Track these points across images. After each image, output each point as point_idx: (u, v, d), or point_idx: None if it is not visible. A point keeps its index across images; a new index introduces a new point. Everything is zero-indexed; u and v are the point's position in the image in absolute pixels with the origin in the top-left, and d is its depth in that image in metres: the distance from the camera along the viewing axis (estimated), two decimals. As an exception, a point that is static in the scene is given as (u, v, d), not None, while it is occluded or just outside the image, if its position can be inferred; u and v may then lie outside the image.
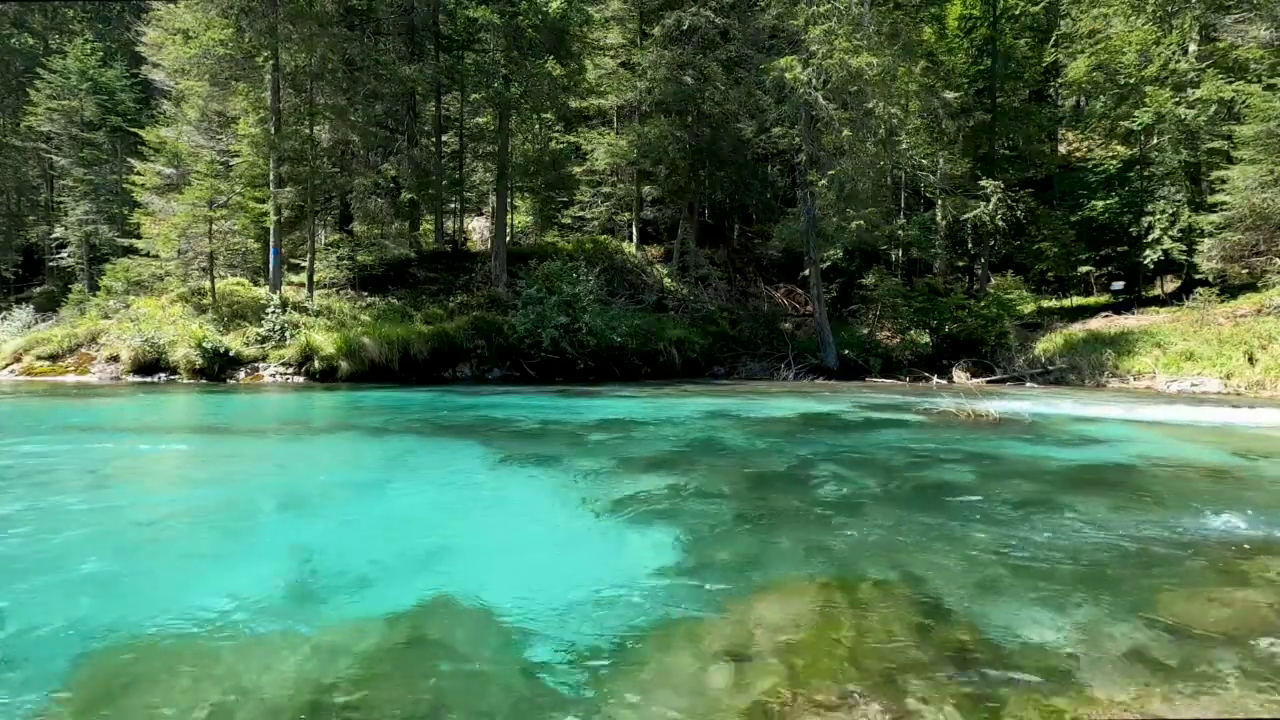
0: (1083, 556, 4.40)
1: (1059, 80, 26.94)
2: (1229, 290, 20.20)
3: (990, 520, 5.25)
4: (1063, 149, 30.23)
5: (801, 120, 21.28)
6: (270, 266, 19.82)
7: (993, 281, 25.58)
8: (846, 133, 20.23)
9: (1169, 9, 22.02)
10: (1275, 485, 6.69)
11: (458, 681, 2.98)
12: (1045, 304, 25.44)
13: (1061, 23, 25.73)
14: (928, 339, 22.23)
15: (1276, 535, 4.86)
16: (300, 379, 17.04)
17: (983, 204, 22.32)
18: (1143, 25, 22.08)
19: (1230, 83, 19.95)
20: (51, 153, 28.82)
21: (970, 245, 24.37)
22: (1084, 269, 24.36)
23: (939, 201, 25.68)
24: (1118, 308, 22.83)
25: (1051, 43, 25.66)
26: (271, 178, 19.55)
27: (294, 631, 3.44)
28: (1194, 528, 5.00)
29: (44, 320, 23.92)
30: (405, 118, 24.39)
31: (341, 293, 20.87)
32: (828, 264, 23.71)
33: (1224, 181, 19.10)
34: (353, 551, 4.67)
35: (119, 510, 5.78)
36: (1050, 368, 19.51)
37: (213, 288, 19.45)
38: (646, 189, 26.22)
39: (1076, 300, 25.32)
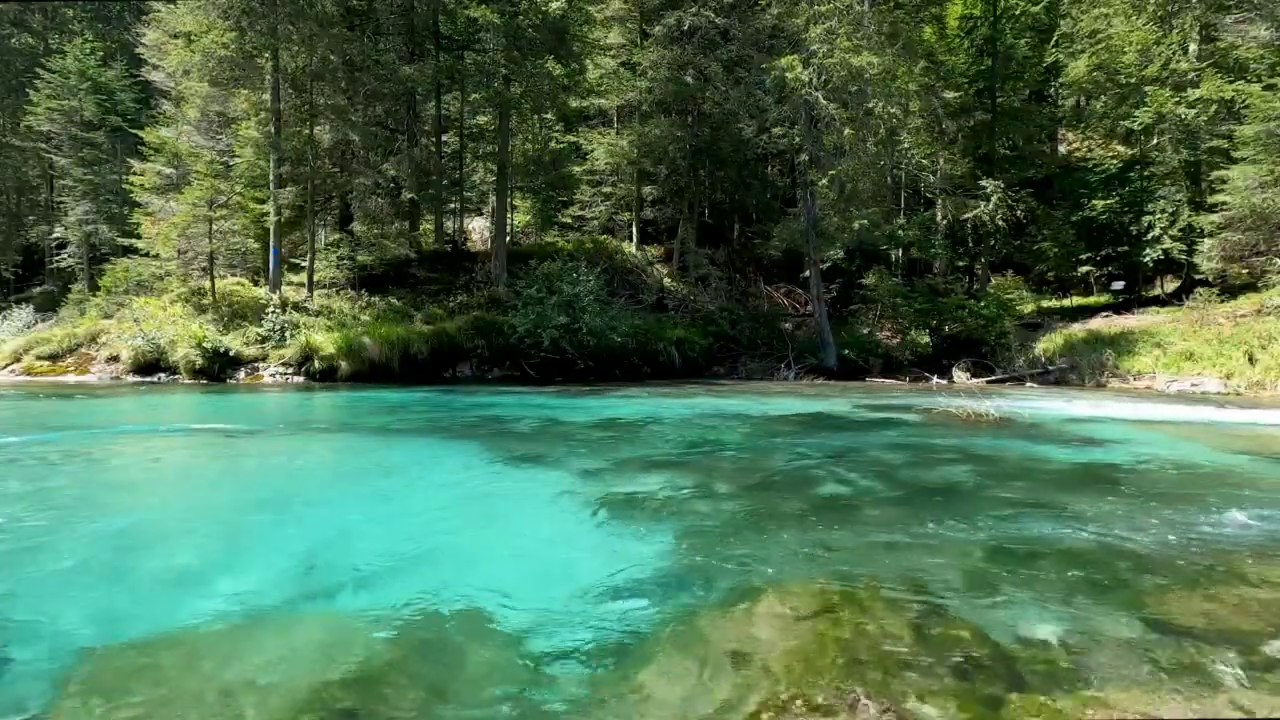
0: (1082, 556, 4.40)
1: (1059, 80, 26.89)
2: (1229, 290, 20.18)
3: (990, 520, 5.25)
4: (1063, 149, 30.19)
5: (802, 120, 21.27)
6: (270, 266, 19.82)
7: (993, 281, 25.56)
8: (847, 132, 20.22)
9: (1169, 9, 22.00)
10: (1275, 485, 6.69)
11: (458, 680, 2.98)
12: (1045, 304, 25.42)
13: (1062, 23, 25.68)
14: (928, 339, 22.21)
15: (1276, 535, 4.86)
16: (300, 379, 17.05)
17: (983, 204, 22.31)
18: (1143, 25, 22.05)
19: (1230, 82, 19.92)
20: (51, 153, 28.80)
21: (970, 245, 24.35)
22: (1084, 269, 24.33)
23: (939, 201, 25.66)
24: (1118, 308, 22.81)
25: (1052, 43, 25.61)
26: (272, 178, 19.56)
27: (295, 630, 3.44)
28: (1194, 527, 5.00)
29: (44, 320, 23.92)
30: (405, 118, 24.38)
31: (341, 293, 20.86)
32: (828, 264, 23.69)
33: (1224, 181, 19.09)
34: (353, 551, 4.68)
35: (123, 511, 5.78)
36: (1050, 368, 19.50)
37: (213, 288, 19.44)
38: (646, 189, 26.20)
39: (1077, 300, 25.30)
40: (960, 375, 20.35)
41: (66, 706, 2.71)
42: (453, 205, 25.55)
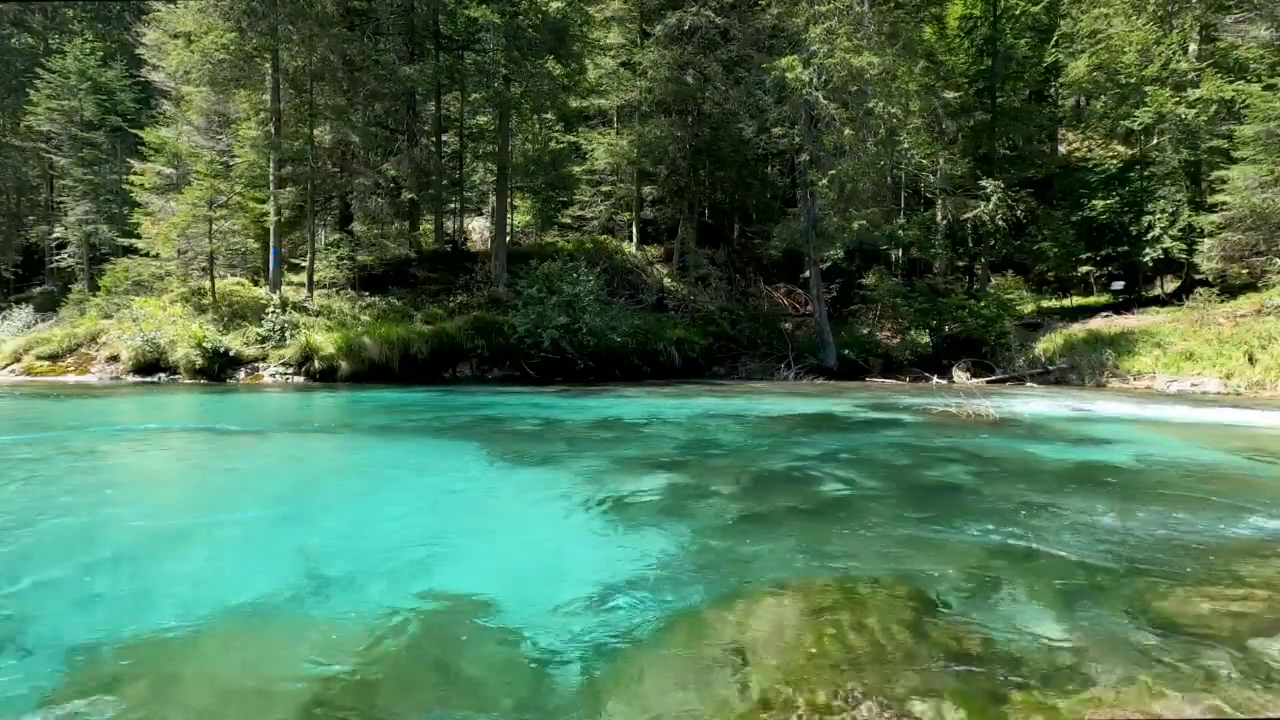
0: (1082, 556, 4.40)
1: (1059, 80, 26.89)
2: (1229, 290, 20.17)
3: (990, 520, 5.25)
4: (1063, 149, 30.18)
5: (802, 120, 21.27)
6: (270, 266, 19.82)
7: (993, 281, 25.56)
8: (847, 132, 20.22)
9: (1169, 9, 22.00)
10: (1274, 485, 6.68)
11: (458, 680, 2.98)
12: (1045, 304, 25.42)
13: (1062, 23, 25.68)
14: (928, 339, 22.21)
15: (1275, 535, 4.86)
16: (300, 379, 17.04)
17: (983, 204, 22.30)
18: (1143, 25, 22.04)
19: (1230, 82, 19.92)
20: (51, 153, 28.81)
21: (970, 245, 24.35)
22: (1084, 269, 24.33)
23: (939, 201, 25.66)
24: (1118, 308, 22.81)
25: (1052, 43, 25.61)
26: (272, 178, 19.56)
27: (293, 630, 3.44)
28: (1193, 527, 4.99)
29: (44, 320, 23.92)
30: (405, 118, 24.37)
31: (341, 293, 20.86)
32: (828, 264, 23.69)
33: (1224, 181, 19.09)
34: (352, 551, 4.68)
35: (124, 511, 5.78)
36: (1050, 368, 19.50)
37: (213, 288, 19.44)
38: (646, 189, 26.20)
39: (1077, 300, 25.30)
40: (960, 375, 20.36)
41: (64, 707, 2.70)
42: (453, 205, 25.55)
